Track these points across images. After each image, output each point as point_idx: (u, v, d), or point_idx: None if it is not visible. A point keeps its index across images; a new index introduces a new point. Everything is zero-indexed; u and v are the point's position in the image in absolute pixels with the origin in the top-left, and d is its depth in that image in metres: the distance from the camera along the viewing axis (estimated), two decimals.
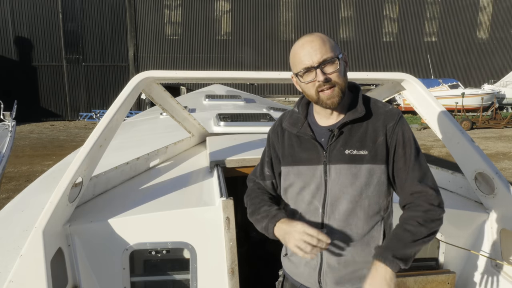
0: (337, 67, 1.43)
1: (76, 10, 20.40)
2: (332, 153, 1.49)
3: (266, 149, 1.72)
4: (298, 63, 1.45)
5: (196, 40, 21.78)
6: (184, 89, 17.20)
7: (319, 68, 1.41)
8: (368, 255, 1.50)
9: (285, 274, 1.71)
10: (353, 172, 1.46)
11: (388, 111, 1.51)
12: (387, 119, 1.49)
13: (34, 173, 8.89)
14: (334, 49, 1.44)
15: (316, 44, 1.42)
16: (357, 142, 1.47)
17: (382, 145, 1.47)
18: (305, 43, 1.44)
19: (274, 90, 21.55)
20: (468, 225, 2.28)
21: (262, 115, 4.32)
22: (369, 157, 1.46)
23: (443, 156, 10.83)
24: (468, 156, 2.26)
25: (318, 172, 1.51)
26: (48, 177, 3.10)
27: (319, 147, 1.51)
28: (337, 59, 1.43)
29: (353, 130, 1.49)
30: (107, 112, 2.15)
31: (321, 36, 1.45)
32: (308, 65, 1.42)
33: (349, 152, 1.47)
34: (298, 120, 1.59)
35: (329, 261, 1.52)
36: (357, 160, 1.46)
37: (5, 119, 6.65)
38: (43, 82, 20.51)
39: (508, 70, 23.31)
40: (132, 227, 2.07)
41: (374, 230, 1.50)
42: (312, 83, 1.44)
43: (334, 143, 1.49)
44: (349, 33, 23.04)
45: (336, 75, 1.43)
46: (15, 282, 1.72)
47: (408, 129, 1.51)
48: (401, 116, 1.52)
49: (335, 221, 1.49)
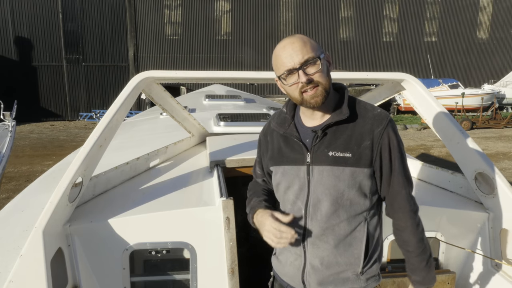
0: (319, 67, 1.42)
1: (76, 10, 20.39)
2: (315, 154, 1.49)
3: (257, 150, 1.76)
4: (280, 65, 1.45)
5: (196, 40, 21.78)
6: (184, 89, 17.19)
7: (301, 69, 1.41)
8: (350, 256, 1.51)
9: (274, 274, 1.72)
10: (336, 174, 1.46)
11: (377, 115, 1.51)
12: (375, 123, 1.49)
13: (34, 173, 8.89)
14: (315, 49, 1.43)
15: (296, 45, 1.42)
16: (342, 145, 1.47)
17: (367, 149, 1.47)
18: (286, 45, 1.44)
19: (274, 90, 21.53)
20: (468, 225, 2.28)
21: (262, 115, 4.32)
22: (353, 160, 1.46)
23: (443, 156, 10.83)
24: (468, 156, 2.26)
25: (302, 172, 1.51)
26: (48, 177, 3.10)
27: (303, 148, 1.52)
28: (318, 59, 1.42)
29: (337, 132, 1.49)
30: (107, 112, 2.15)
31: (302, 37, 1.45)
32: (290, 67, 1.42)
33: (332, 154, 1.47)
34: (285, 121, 1.60)
35: (312, 261, 1.52)
36: (341, 162, 1.46)
37: (5, 119, 6.66)
38: (43, 82, 20.51)
39: (508, 70, 23.31)
40: (132, 227, 2.07)
41: (356, 231, 1.50)
42: (295, 85, 1.44)
43: (318, 144, 1.49)
44: (349, 33, 23.03)
45: (318, 75, 1.43)
46: (15, 282, 1.72)
47: (396, 134, 1.51)
48: (390, 120, 1.52)
49: (317, 222, 1.49)
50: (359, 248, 1.51)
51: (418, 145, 12.66)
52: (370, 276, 1.55)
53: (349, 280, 1.53)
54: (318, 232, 1.50)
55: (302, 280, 1.56)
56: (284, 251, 1.61)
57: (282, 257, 1.63)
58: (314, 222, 1.50)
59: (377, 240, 1.58)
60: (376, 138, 1.47)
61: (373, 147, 1.47)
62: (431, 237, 2.29)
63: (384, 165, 1.50)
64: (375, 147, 1.48)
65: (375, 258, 1.57)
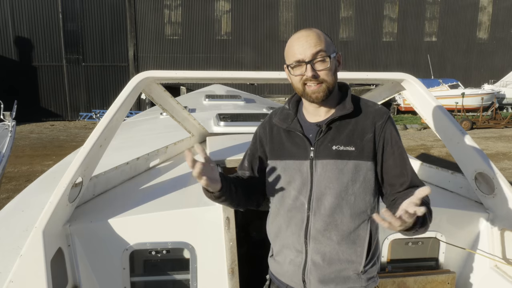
0: (328, 65, 1.44)
1: (76, 10, 20.39)
2: (319, 149, 1.50)
3: (250, 144, 1.73)
4: (291, 55, 1.48)
5: (196, 40, 21.77)
6: (184, 89, 17.21)
7: (310, 64, 1.43)
8: (353, 254, 1.50)
9: (271, 277, 1.71)
10: (340, 167, 1.47)
11: (378, 110, 1.54)
12: (376, 117, 1.52)
13: (34, 173, 8.89)
14: (328, 47, 1.46)
15: (311, 39, 1.44)
16: (345, 139, 1.49)
17: (369, 142, 1.48)
18: (301, 36, 1.46)
19: (274, 90, 21.55)
20: (468, 225, 2.28)
21: (262, 115, 4.32)
22: (356, 153, 1.47)
23: (443, 156, 10.83)
24: (468, 156, 2.26)
25: (305, 167, 1.51)
26: (48, 177, 3.10)
27: (307, 142, 1.53)
28: (328, 57, 1.44)
29: (341, 126, 1.51)
30: (107, 112, 2.15)
31: (318, 32, 1.47)
32: (300, 58, 1.44)
33: (336, 148, 1.48)
34: (288, 116, 1.61)
35: (314, 258, 1.52)
36: (344, 155, 1.47)
37: (5, 119, 6.66)
38: (43, 82, 20.51)
39: (508, 70, 23.30)
40: (132, 227, 2.07)
41: (360, 228, 1.50)
42: (300, 77, 1.47)
43: (322, 139, 1.50)
44: (349, 33, 23.03)
45: (325, 72, 1.45)
46: (15, 282, 1.72)
47: (396, 129, 1.54)
48: (390, 115, 1.55)
49: (321, 217, 1.49)
50: (362, 246, 1.51)
51: (418, 145, 12.66)
52: (370, 277, 1.55)
53: (350, 279, 1.52)
54: (321, 227, 1.49)
55: (303, 279, 1.54)
56: (283, 249, 1.59)
57: (281, 256, 1.61)
58: (318, 217, 1.49)
59: (377, 241, 1.59)
60: (378, 131, 1.50)
61: (375, 139, 1.49)
62: (431, 237, 2.29)
63: (386, 157, 1.50)
64: (377, 139, 1.50)
65: (375, 259, 1.58)
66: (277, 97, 16.35)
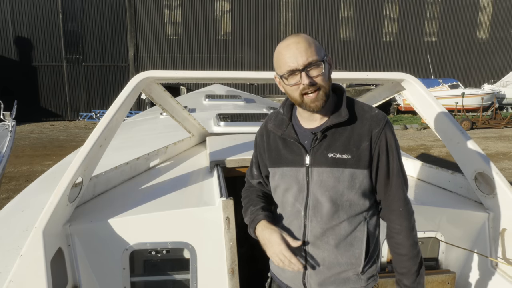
0: (322, 70, 1.41)
1: (76, 10, 20.38)
2: (315, 156, 1.49)
3: (253, 151, 1.74)
4: (283, 64, 1.43)
5: (196, 40, 21.77)
6: (184, 89, 17.21)
7: (304, 71, 1.39)
8: (351, 256, 1.51)
9: (272, 276, 1.72)
10: (336, 175, 1.46)
11: (374, 116, 1.51)
12: (373, 124, 1.49)
13: (34, 173, 8.89)
14: (319, 51, 1.42)
15: (301, 46, 1.40)
16: (341, 146, 1.47)
17: (366, 150, 1.47)
18: (291, 44, 1.42)
19: (274, 90, 21.52)
20: (468, 225, 2.28)
21: (262, 115, 4.32)
22: (352, 161, 1.46)
23: (443, 156, 10.83)
24: (468, 156, 2.26)
25: (301, 174, 1.51)
26: (48, 177, 3.10)
27: (302, 150, 1.51)
28: (322, 62, 1.41)
29: (336, 134, 1.49)
30: (107, 112, 2.15)
31: (307, 38, 1.43)
32: (293, 67, 1.40)
33: (332, 155, 1.46)
34: (283, 122, 1.59)
35: (313, 263, 1.52)
36: (340, 163, 1.46)
37: (5, 119, 6.66)
38: (43, 82, 20.50)
39: (508, 70, 23.29)
40: (132, 227, 2.07)
41: (357, 230, 1.50)
42: (296, 86, 1.43)
43: (317, 146, 1.49)
44: (349, 33, 23.03)
45: (320, 78, 1.41)
46: (15, 282, 1.72)
47: (393, 135, 1.52)
48: (387, 121, 1.52)
49: (318, 223, 1.49)
50: (360, 247, 1.51)
51: (418, 145, 12.66)
52: (370, 276, 1.56)
53: (350, 280, 1.53)
54: (318, 233, 1.49)
55: (303, 282, 1.56)
56: None
57: None
58: (314, 224, 1.49)
59: (376, 239, 1.59)
60: (374, 139, 1.48)
61: (371, 147, 1.48)
62: (431, 237, 2.29)
63: (381, 166, 1.50)
64: (373, 147, 1.48)
65: (375, 257, 1.58)
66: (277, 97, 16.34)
